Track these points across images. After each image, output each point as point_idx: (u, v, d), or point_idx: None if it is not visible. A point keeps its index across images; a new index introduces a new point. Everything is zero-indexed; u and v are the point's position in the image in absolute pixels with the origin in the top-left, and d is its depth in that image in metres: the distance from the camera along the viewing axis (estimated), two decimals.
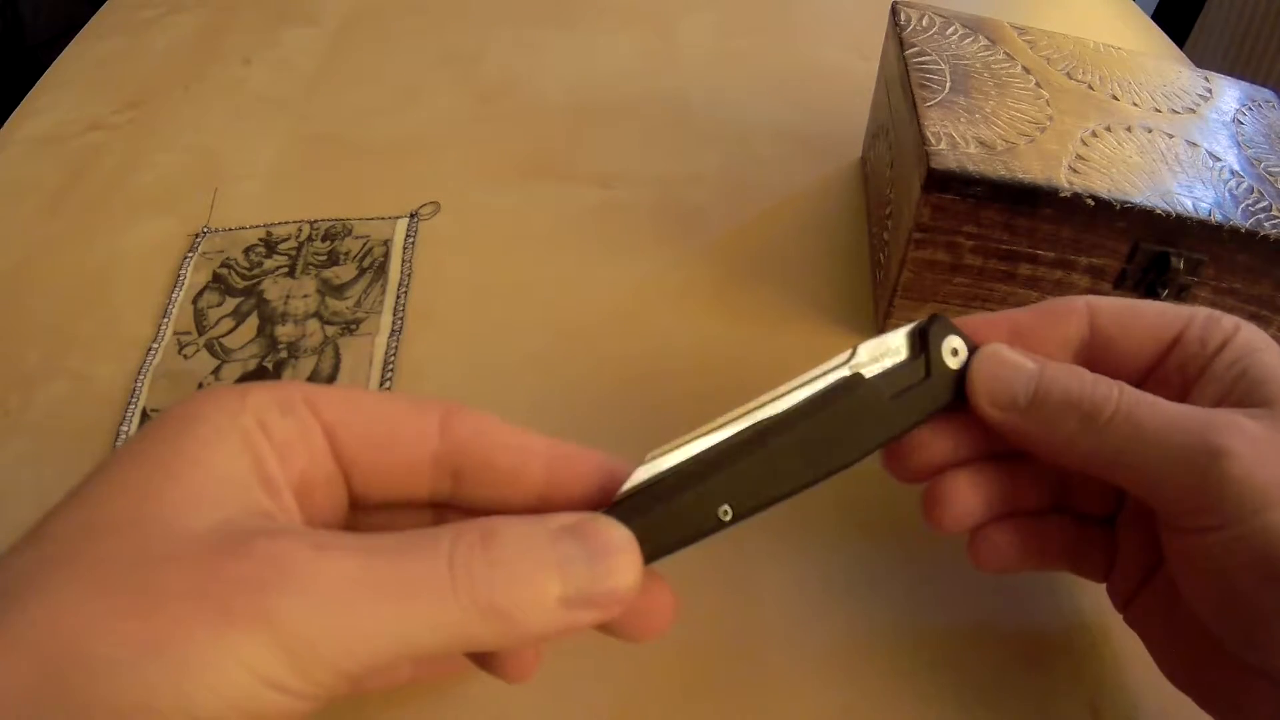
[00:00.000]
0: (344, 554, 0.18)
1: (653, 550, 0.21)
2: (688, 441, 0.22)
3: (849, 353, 0.24)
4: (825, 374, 0.24)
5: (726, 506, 0.22)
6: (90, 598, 0.16)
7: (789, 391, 0.24)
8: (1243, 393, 0.23)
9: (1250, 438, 0.21)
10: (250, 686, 0.17)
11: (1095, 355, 0.26)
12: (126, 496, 0.18)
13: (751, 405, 0.23)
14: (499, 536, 0.19)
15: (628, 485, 0.21)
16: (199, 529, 0.18)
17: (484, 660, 0.23)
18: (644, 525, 0.20)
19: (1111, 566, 0.27)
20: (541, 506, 0.22)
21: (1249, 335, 0.24)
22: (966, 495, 0.26)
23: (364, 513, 0.22)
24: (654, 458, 0.22)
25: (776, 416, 0.23)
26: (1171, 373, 0.25)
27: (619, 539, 0.20)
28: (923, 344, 0.25)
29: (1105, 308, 0.26)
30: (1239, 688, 0.23)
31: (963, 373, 0.25)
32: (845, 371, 0.24)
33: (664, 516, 0.21)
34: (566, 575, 0.19)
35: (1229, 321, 0.25)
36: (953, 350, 0.25)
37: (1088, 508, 0.28)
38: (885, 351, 0.25)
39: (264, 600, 0.17)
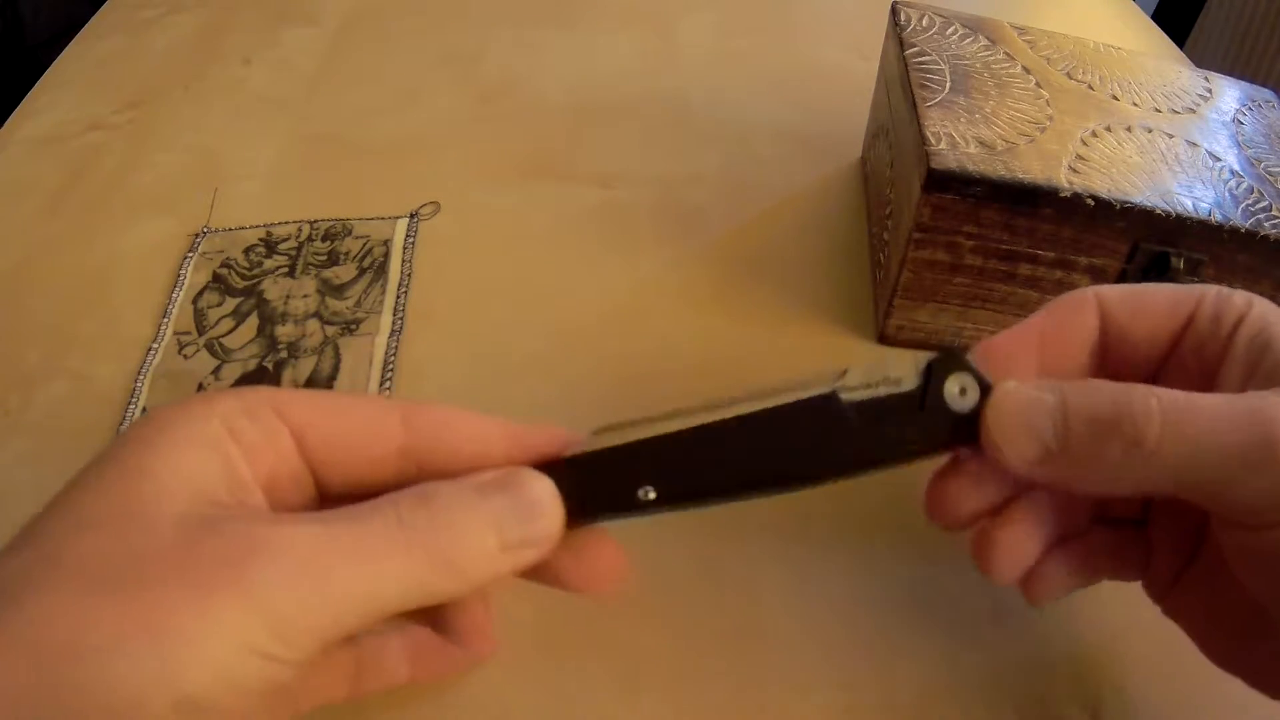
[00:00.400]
0: (306, 524, 0.19)
1: (579, 511, 0.22)
2: (640, 423, 0.23)
3: (839, 371, 0.23)
4: (804, 387, 0.23)
5: (650, 489, 0.23)
6: (78, 593, 0.17)
7: (762, 397, 0.23)
8: (1271, 368, 0.22)
9: None
10: (236, 656, 0.18)
11: (1110, 346, 0.25)
12: (107, 497, 0.19)
13: (719, 401, 0.23)
14: (437, 498, 0.21)
15: (568, 453, 0.23)
16: (173, 520, 0.19)
17: (447, 627, 0.25)
18: (569, 488, 0.22)
19: (1148, 564, 0.26)
20: None
21: (1263, 309, 0.23)
22: (1019, 544, 0.25)
23: (334, 503, 0.23)
24: (602, 431, 0.23)
25: (735, 418, 0.23)
26: (1188, 356, 0.24)
27: (539, 487, 0.22)
28: (927, 377, 0.23)
29: (1113, 296, 0.25)
30: None
31: (973, 415, 0.23)
32: (824, 389, 0.23)
33: (589, 484, 0.23)
34: (500, 523, 0.21)
35: (1240, 297, 0.24)
36: (960, 389, 0.23)
37: (1122, 512, 0.27)
38: (881, 378, 0.23)
39: (239, 572, 0.18)
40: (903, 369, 0.23)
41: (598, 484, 0.23)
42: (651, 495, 0.23)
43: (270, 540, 0.19)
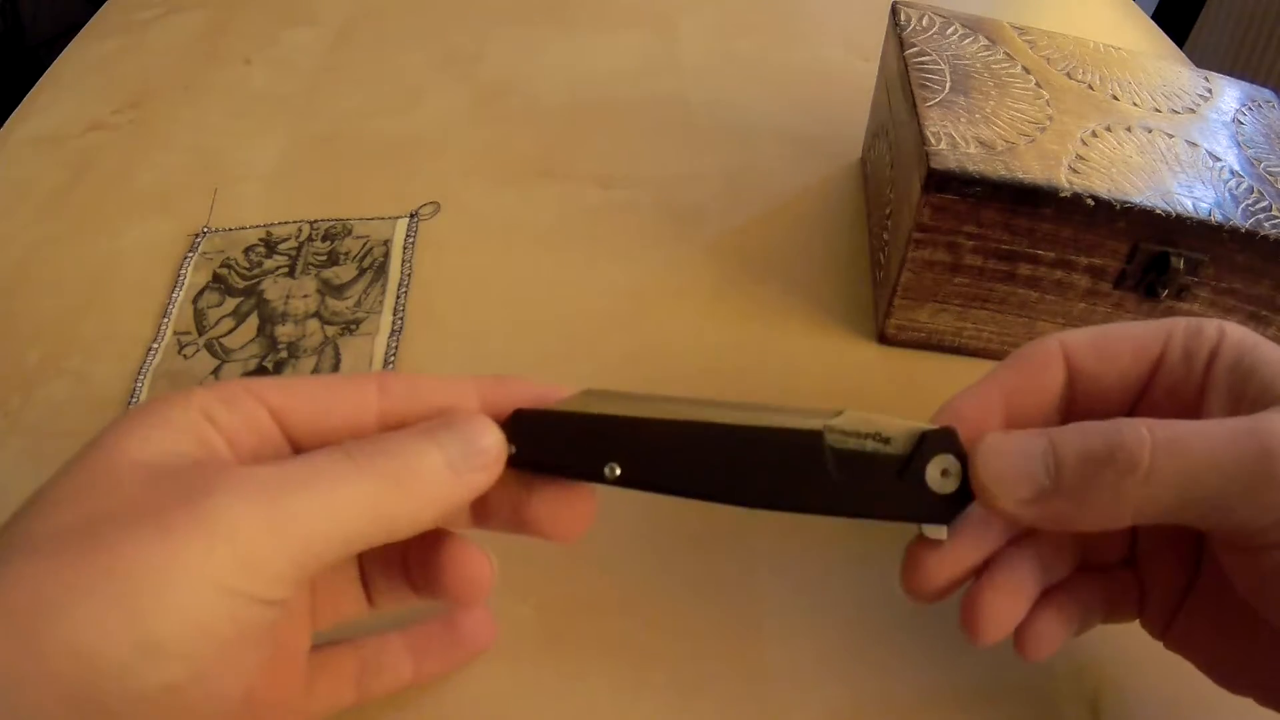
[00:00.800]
0: (262, 466, 0.20)
1: (543, 463, 0.24)
2: (630, 397, 0.24)
3: (837, 410, 0.23)
4: (796, 416, 0.23)
5: (616, 467, 0.23)
6: (45, 557, 0.18)
7: (753, 411, 0.23)
8: (1257, 393, 0.22)
9: None
10: (209, 598, 0.17)
11: (1077, 396, 0.25)
12: (77, 476, 0.20)
13: (711, 403, 0.24)
14: (386, 436, 0.22)
15: (550, 405, 0.24)
16: (139, 480, 0.19)
17: (442, 584, 0.25)
18: (535, 433, 0.23)
19: (1141, 603, 0.26)
20: None
21: (1237, 336, 0.23)
22: (1004, 605, 0.24)
23: None
24: (591, 393, 0.24)
25: (720, 425, 0.23)
26: (1161, 396, 0.24)
27: (478, 418, 0.23)
28: (915, 446, 0.23)
29: (1078, 343, 0.24)
30: None
31: (953, 498, 0.23)
32: (816, 425, 0.23)
33: (559, 443, 0.24)
34: (441, 444, 0.22)
35: (1211, 328, 0.23)
36: (943, 471, 0.23)
37: (1107, 555, 0.26)
38: (873, 433, 0.23)
39: (198, 507, 0.18)
40: (895, 430, 0.23)
41: (568, 444, 0.24)
42: (616, 473, 0.23)
43: (227, 476, 0.19)
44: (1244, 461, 0.20)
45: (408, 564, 0.26)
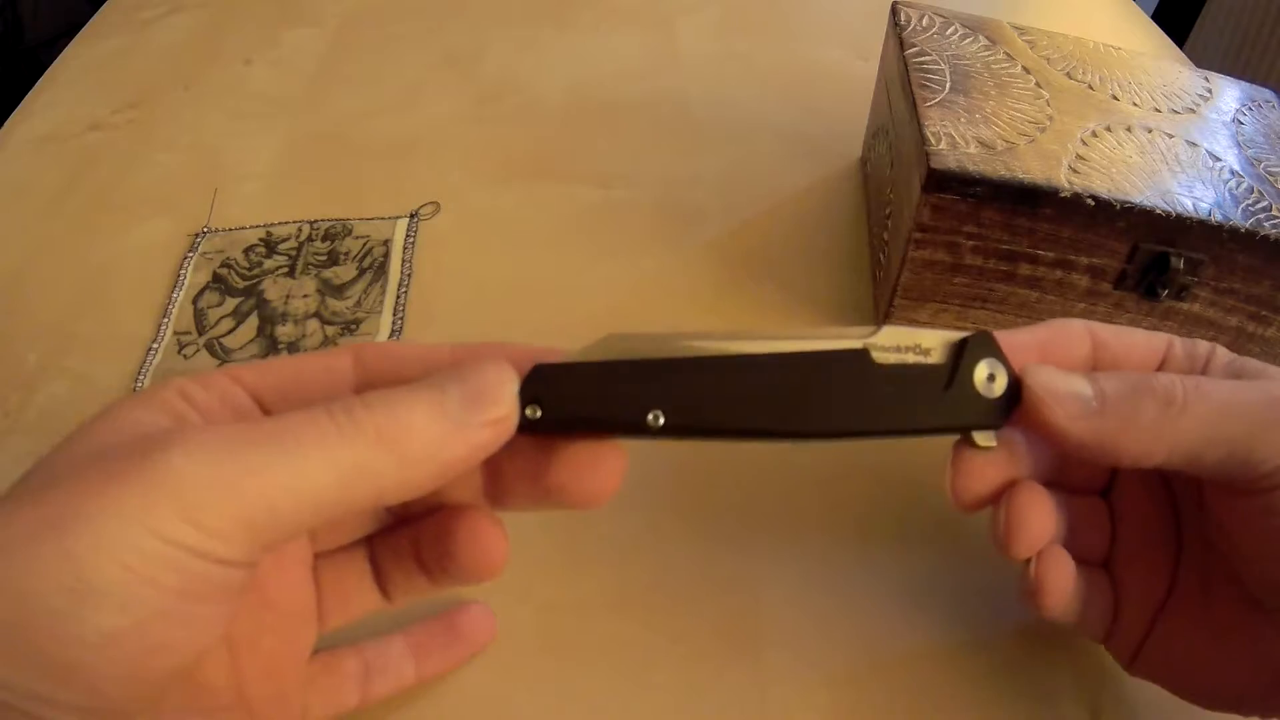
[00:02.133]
0: (228, 425, 0.19)
1: (571, 423, 0.21)
2: (656, 337, 0.22)
3: (871, 329, 0.23)
4: (836, 337, 0.23)
5: (659, 414, 0.21)
6: (6, 511, 0.18)
7: (788, 338, 0.22)
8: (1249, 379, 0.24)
9: None
10: (149, 547, 0.17)
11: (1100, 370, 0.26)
12: (59, 452, 0.20)
13: (743, 334, 0.22)
14: (373, 391, 0.20)
15: (570, 357, 0.21)
16: (106, 445, 0.19)
17: (451, 553, 0.24)
18: (560, 390, 0.21)
19: (1116, 616, 0.27)
20: None
21: (1224, 350, 0.26)
22: (1039, 518, 0.25)
23: None
24: (611, 339, 0.22)
25: (761, 354, 0.22)
26: None
27: (492, 368, 0.21)
28: (957, 356, 0.23)
29: (1102, 328, 0.26)
30: None
31: (1001, 402, 0.23)
32: (857, 344, 0.23)
33: (590, 396, 0.21)
34: (438, 395, 0.20)
35: (1203, 344, 0.26)
36: (989, 375, 0.23)
37: (1088, 549, 0.28)
38: (912, 346, 0.23)
39: (147, 459, 0.18)
40: (933, 341, 0.23)
41: (601, 397, 0.21)
42: (660, 421, 0.21)
43: (185, 433, 0.18)
44: (1258, 406, 0.23)
45: (420, 547, 0.25)
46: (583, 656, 0.30)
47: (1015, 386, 0.23)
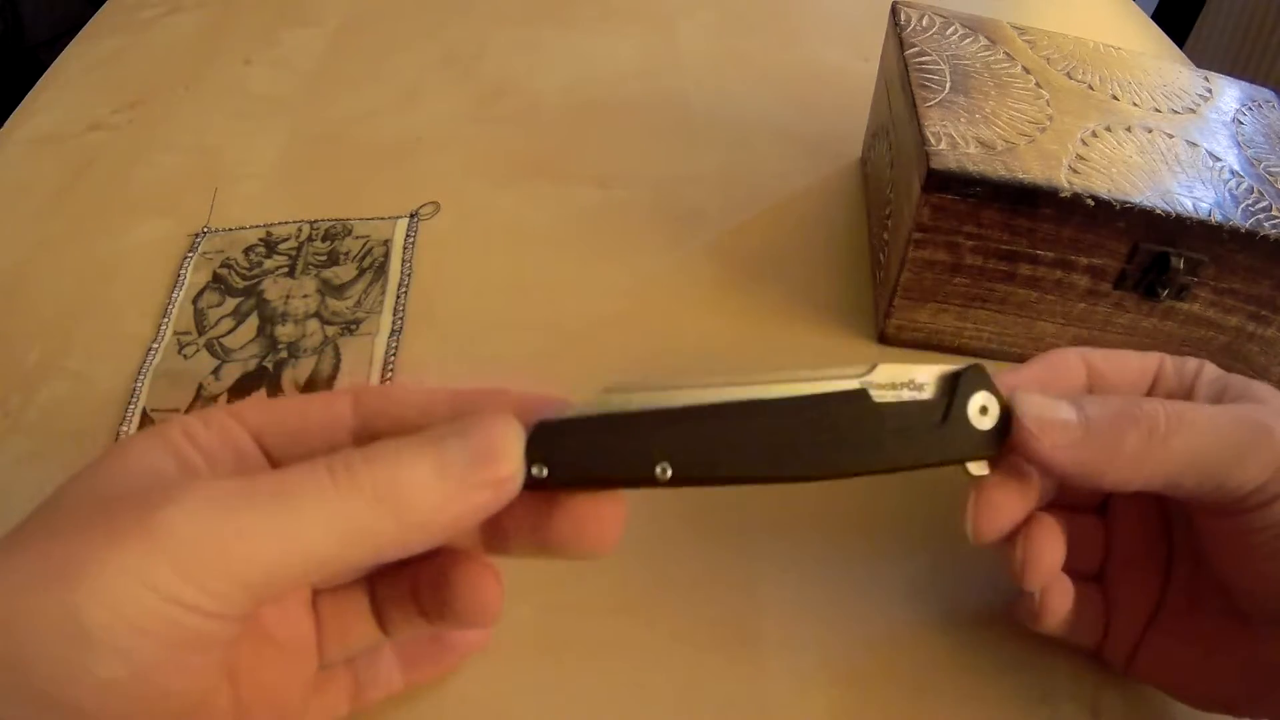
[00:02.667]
0: (230, 479, 0.19)
1: (576, 478, 0.21)
2: (653, 387, 0.22)
3: (866, 367, 0.23)
4: (831, 378, 0.23)
5: (667, 465, 0.21)
6: (13, 556, 0.18)
7: (786, 381, 0.23)
8: (1232, 399, 0.26)
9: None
10: (147, 601, 0.17)
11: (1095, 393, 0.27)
12: (65, 495, 0.20)
13: (739, 379, 0.22)
14: (375, 444, 0.20)
15: (573, 412, 0.21)
16: (110, 494, 0.19)
17: (450, 606, 0.24)
18: (566, 446, 0.21)
19: (1108, 626, 0.28)
20: None
21: (1211, 366, 0.27)
22: (1050, 547, 0.26)
23: None
24: (612, 390, 0.22)
25: (762, 400, 0.22)
26: None
27: (499, 426, 0.20)
28: (950, 390, 0.24)
29: (1094, 354, 0.27)
30: None
31: (994, 433, 0.24)
32: (854, 384, 0.23)
33: (592, 449, 0.21)
34: (441, 453, 0.19)
35: (1192, 362, 0.27)
36: (981, 408, 0.24)
37: (1082, 563, 0.29)
38: (906, 382, 0.23)
39: (148, 516, 0.18)
40: (926, 375, 0.24)
41: (608, 451, 0.21)
42: (668, 474, 0.21)
43: (186, 488, 0.19)
44: (1236, 432, 0.24)
45: (417, 590, 0.25)
46: (583, 656, 0.30)
47: (1006, 418, 0.24)
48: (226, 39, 0.59)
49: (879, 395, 0.23)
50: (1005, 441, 0.24)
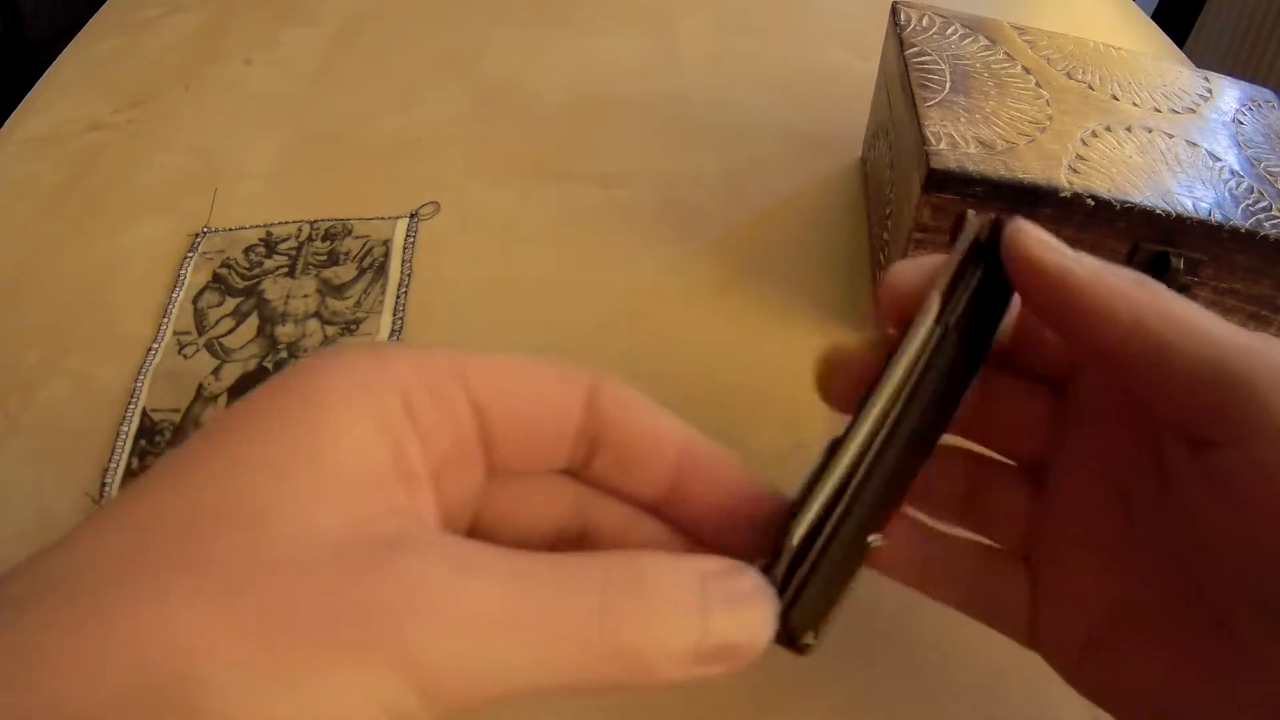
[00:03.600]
0: (489, 579, 0.16)
1: (809, 616, 0.19)
2: (826, 470, 0.20)
3: (936, 302, 0.22)
4: (919, 338, 0.22)
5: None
6: (201, 606, 0.14)
7: (891, 372, 0.21)
8: None
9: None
10: (368, 712, 0.15)
11: None
12: (238, 483, 0.16)
13: (868, 404, 0.21)
14: (649, 580, 0.17)
15: (791, 541, 0.19)
16: (327, 534, 0.16)
17: None
18: (803, 590, 0.19)
19: (1031, 618, 0.24)
20: (666, 499, 0.21)
21: None
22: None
23: (496, 482, 0.21)
24: (793, 501, 0.20)
25: (890, 413, 0.21)
26: None
27: (760, 594, 0.18)
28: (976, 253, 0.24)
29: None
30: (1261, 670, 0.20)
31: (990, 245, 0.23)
32: (936, 329, 0.22)
33: (819, 575, 0.19)
34: (707, 625, 0.17)
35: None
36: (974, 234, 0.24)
37: (1016, 443, 0.25)
38: (947, 279, 0.23)
39: (400, 632, 0.15)
40: (951, 259, 0.24)
41: (832, 563, 0.19)
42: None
43: (442, 594, 0.16)
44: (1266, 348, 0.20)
45: None
46: None
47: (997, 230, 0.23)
48: (226, 39, 0.59)
49: (952, 316, 0.23)
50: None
